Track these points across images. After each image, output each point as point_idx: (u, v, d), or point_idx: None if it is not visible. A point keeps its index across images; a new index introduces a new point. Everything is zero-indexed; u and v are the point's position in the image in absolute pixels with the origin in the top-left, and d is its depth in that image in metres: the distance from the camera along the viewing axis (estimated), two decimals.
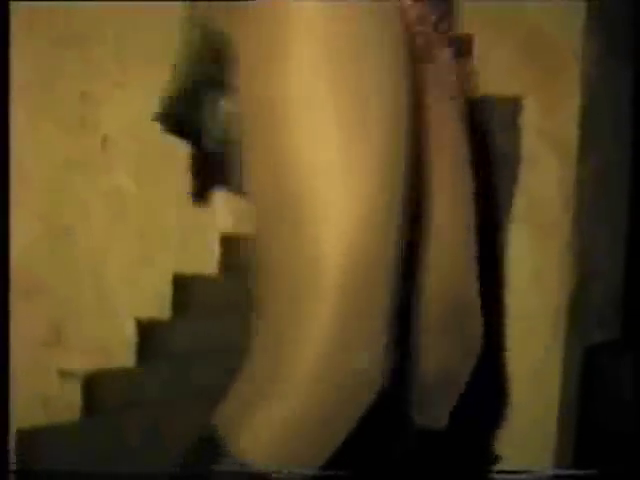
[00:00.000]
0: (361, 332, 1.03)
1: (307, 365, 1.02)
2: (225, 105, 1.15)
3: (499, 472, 1.61)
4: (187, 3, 1.16)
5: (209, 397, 1.82)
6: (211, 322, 1.83)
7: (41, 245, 1.71)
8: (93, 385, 1.61)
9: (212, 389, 1.82)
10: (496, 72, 1.82)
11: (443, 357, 1.36)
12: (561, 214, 1.91)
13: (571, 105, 1.85)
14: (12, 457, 1.47)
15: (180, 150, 1.40)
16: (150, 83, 1.24)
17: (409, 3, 1.18)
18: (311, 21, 0.99)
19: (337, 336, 1.01)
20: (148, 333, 1.71)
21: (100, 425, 1.62)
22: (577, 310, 1.96)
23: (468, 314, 1.37)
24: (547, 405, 2.00)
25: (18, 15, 1.56)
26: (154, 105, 1.14)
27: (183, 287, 1.77)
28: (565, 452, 2.06)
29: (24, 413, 1.55)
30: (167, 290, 1.76)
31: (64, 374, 1.60)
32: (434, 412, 1.41)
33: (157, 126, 1.15)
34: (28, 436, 1.50)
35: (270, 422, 1.03)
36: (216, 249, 1.85)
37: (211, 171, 1.33)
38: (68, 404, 1.58)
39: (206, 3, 1.14)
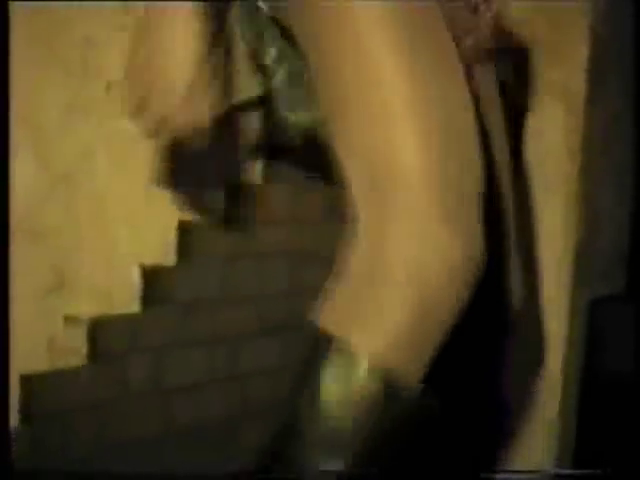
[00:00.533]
0: (457, 216, 1.07)
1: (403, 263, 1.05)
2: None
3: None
4: None
5: (212, 344, 1.83)
6: (216, 269, 1.84)
7: (44, 190, 1.70)
8: (97, 331, 1.61)
9: (215, 336, 1.84)
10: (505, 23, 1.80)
11: None
12: (568, 165, 1.90)
13: (579, 56, 1.83)
14: (14, 403, 1.48)
15: None
16: None
17: None
18: None
19: (430, 223, 1.05)
20: (152, 279, 1.71)
21: (104, 371, 1.63)
22: (582, 262, 1.95)
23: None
24: (551, 357, 2.01)
25: None
26: None
27: (188, 234, 1.77)
28: (570, 404, 2.07)
29: (28, 359, 1.56)
30: (172, 237, 1.75)
31: (68, 319, 1.61)
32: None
33: None
34: (32, 381, 1.51)
35: (379, 325, 1.06)
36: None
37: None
38: (72, 350, 1.59)
39: None
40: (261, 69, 1.21)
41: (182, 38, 1.11)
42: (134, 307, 1.68)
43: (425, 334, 1.08)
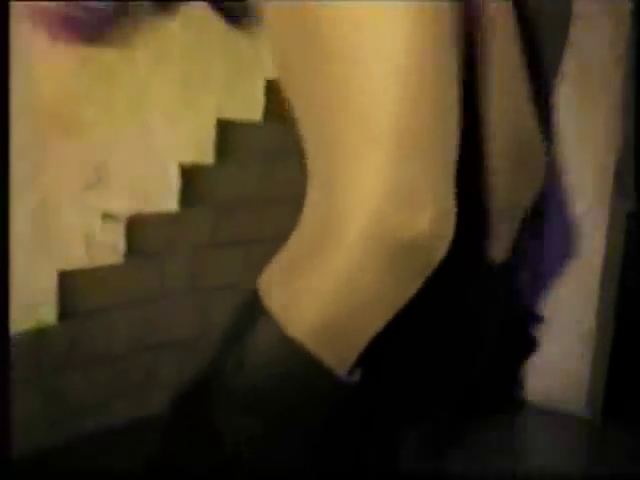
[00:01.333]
0: (419, 180, 0.94)
1: (358, 219, 0.93)
2: None
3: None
4: None
5: (250, 244, 1.83)
6: (254, 168, 1.82)
7: (81, 85, 1.68)
8: (135, 228, 1.61)
9: (253, 236, 1.83)
10: None
11: (508, 193, 1.38)
12: (611, 74, 1.87)
13: None
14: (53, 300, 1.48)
15: None
16: None
17: None
18: None
19: (391, 185, 0.93)
20: (191, 178, 1.70)
21: (142, 269, 1.63)
22: (622, 174, 1.93)
23: (531, 148, 1.38)
24: (590, 266, 2.00)
25: None
26: None
27: (227, 132, 1.75)
28: (607, 314, 2.07)
29: (66, 255, 1.56)
30: (210, 135, 1.73)
31: (106, 217, 1.60)
32: (499, 244, 1.43)
33: None
34: (70, 278, 1.51)
35: (315, 287, 0.97)
36: (261, 95, 1.82)
37: None
38: (110, 247, 1.59)
39: None
40: None
41: None
42: (172, 205, 1.67)
43: (362, 321, 0.99)
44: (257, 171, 1.81)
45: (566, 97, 1.94)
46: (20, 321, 1.42)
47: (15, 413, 1.28)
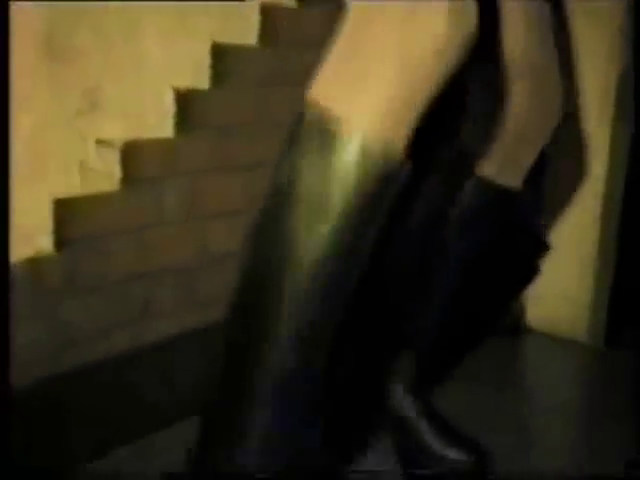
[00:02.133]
0: None
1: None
2: None
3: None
4: None
5: (247, 169, 1.81)
6: (250, 94, 1.79)
7: (73, 8, 1.64)
8: (130, 155, 1.58)
9: (250, 162, 1.81)
10: None
11: (523, 117, 1.39)
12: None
13: None
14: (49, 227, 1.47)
15: None
16: None
17: None
18: None
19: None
20: (186, 103, 1.67)
21: (138, 196, 1.61)
22: (625, 96, 1.93)
23: (547, 75, 1.38)
24: (592, 190, 2.00)
25: None
26: None
27: (222, 57, 1.71)
28: (609, 239, 2.07)
29: (61, 182, 1.54)
30: (206, 60, 1.70)
31: (100, 143, 1.58)
32: (512, 171, 1.45)
33: None
34: (65, 206, 1.49)
35: (364, 97, 1.06)
36: (257, 19, 1.78)
37: None
38: (105, 174, 1.56)
39: None
40: None
41: None
42: (168, 131, 1.65)
43: (408, 105, 1.08)
44: (253, 96, 1.78)
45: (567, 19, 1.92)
46: (17, 251, 1.40)
47: (14, 344, 1.27)
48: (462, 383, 1.91)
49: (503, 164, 1.43)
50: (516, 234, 1.72)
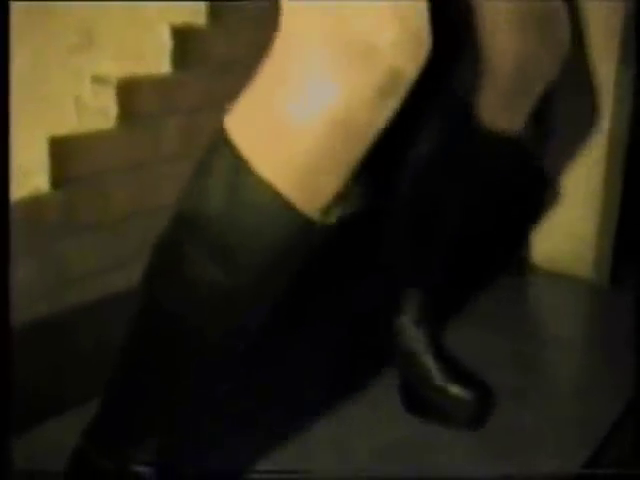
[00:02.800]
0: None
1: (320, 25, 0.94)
2: None
3: None
4: None
5: None
6: (248, 30, 1.76)
7: None
8: (128, 92, 1.56)
9: None
10: None
11: (524, 56, 1.35)
12: None
13: None
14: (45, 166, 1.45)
15: None
16: None
17: None
18: None
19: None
20: (183, 39, 1.64)
21: (135, 133, 1.59)
22: (629, 36, 1.92)
23: (552, 15, 1.35)
24: (598, 128, 1.99)
25: None
26: None
27: None
28: (615, 177, 2.06)
29: (57, 120, 1.52)
30: None
31: (97, 80, 1.55)
32: (510, 115, 1.41)
33: None
34: (62, 144, 1.48)
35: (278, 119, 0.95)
36: None
37: None
38: (101, 111, 1.55)
39: None
40: None
41: None
42: (165, 68, 1.62)
43: (336, 163, 0.94)
44: (251, 32, 1.75)
45: None
46: (13, 190, 1.39)
47: (13, 282, 1.26)
48: (467, 320, 1.91)
49: (501, 107, 1.40)
50: (518, 173, 1.70)
